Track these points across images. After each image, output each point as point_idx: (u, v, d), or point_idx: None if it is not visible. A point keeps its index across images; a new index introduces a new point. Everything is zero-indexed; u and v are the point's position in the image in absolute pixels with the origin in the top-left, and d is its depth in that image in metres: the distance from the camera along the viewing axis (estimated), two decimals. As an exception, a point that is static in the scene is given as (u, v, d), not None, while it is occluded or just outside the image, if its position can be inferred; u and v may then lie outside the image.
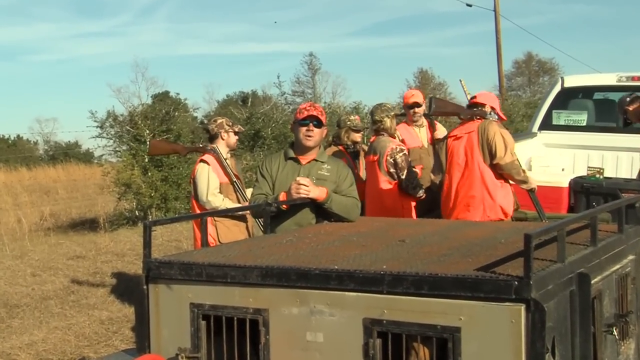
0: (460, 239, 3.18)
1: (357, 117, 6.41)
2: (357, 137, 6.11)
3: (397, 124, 5.85)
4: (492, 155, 4.80)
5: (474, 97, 5.15)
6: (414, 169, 5.41)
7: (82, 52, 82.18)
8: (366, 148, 6.05)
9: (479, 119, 4.98)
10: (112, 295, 7.35)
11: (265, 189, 3.97)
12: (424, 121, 6.11)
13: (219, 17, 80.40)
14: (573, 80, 7.30)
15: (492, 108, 5.04)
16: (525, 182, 4.95)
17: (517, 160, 4.85)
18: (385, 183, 5.25)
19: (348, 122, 6.11)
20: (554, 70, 45.93)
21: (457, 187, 4.97)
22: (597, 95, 7.49)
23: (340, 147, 6.03)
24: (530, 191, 5.05)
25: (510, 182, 4.94)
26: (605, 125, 6.94)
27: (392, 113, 5.47)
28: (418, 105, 6.01)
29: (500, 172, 4.83)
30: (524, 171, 4.94)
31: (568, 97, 7.18)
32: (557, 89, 7.20)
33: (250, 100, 31.41)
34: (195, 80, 79.31)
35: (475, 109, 5.03)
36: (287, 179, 3.93)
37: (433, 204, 5.67)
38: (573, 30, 71.72)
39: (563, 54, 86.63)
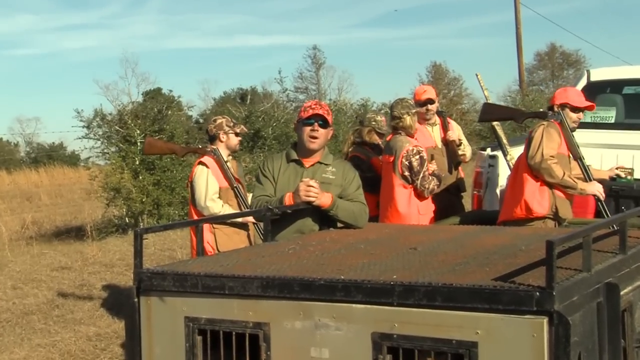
0: (477, 246, 3.19)
1: (383, 118, 6.31)
2: (379, 139, 6.11)
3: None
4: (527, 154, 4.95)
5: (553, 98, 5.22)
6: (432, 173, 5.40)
7: (66, 45, 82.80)
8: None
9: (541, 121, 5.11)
10: (101, 309, 7.36)
11: (269, 190, 3.99)
12: (436, 119, 6.10)
13: (215, 8, 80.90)
14: (600, 74, 7.27)
15: (566, 104, 5.07)
16: (569, 186, 4.86)
17: (550, 161, 4.78)
18: (400, 187, 5.26)
19: (373, 123, 6.11)
20: (580, 63, 46.03)
21: (507, 190, 5.18)
22: (627, 90, 7.45)
23: (367, 148, 6.02)
24: (596, 199, 5.01)
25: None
26: (635, 122, 6.91)
27: (414, 110, 5.48)
28: (431, 101, 5.98)
29: (535, 173, 4.89)
30: (565, 174, 4.84)
31: (595, 92, 7.13)
32: (583, 83, 7.17)
33: (249, 97, 31.51)
34: (190, 76, 79.73)
35: (540, 111, 5.26)
36: (289, 183, 3.95)
37: (449, 209, 5.68)
38: (601, 19, 71.86)
39: (590, 44, 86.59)
